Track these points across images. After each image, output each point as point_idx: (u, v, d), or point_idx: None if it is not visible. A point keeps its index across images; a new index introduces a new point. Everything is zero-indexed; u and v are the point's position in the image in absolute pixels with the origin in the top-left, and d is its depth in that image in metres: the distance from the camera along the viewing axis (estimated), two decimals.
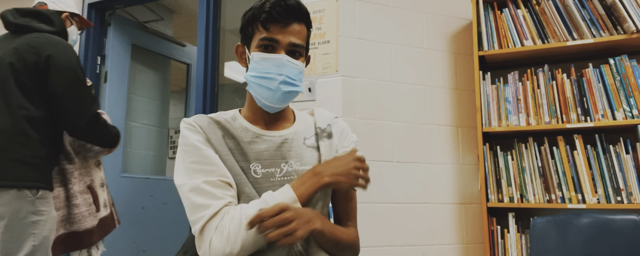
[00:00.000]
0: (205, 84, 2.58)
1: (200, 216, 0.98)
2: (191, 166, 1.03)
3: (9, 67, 1.69)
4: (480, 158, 2.20)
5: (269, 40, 1.07)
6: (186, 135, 1.07)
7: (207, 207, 0.98)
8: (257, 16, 1.07)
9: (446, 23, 2.49)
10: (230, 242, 0.95)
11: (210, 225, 0.97)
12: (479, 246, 2.31)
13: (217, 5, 2.69)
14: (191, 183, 1.01)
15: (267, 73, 1.07)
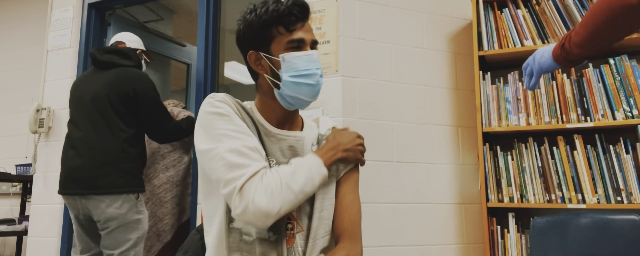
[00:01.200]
0: (205, 84, 2.57)
1: (239, 174, 0.99)
2: (226, 132, 1.05)
3: (106, 98, 2.19)
4: (480, 158, 2.20)
5: (298, 41, 1.11)
6: (218, 105, 1.09)
7: (247, 166, 1.00)
8: (275, 20, 1.10)
9: (446, 23, 2.49)
10: (273, 200, 0.97)
11: (251, 183, 0.98)
12: (479, 246, 2.31)
13: (217, 5, 2.69)
14: (228, 145, 1.02)
15: (306, 70, 1.11)
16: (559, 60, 1.03)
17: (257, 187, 0.98)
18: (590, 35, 0.94)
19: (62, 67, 2.91)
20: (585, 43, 0.95)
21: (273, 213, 0.97)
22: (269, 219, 0.98)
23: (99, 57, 2.29)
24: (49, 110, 2.83)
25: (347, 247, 1.09)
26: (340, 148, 1.13)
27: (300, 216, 1.10)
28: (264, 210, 0.97)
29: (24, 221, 3.27)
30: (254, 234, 1.06)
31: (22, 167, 3.45)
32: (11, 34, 3.91)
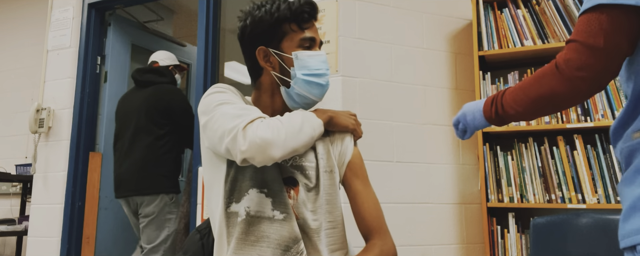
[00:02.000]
0: (205, 84, 2.57)
1: (242, 120, 1.01)
2: (224, 101, 1.08)
3: (145, 112, 2.60)
4: (480, 158, 2.20)
5: (310, 40, 1.15)
6: (219, 88, 1.13)
7: (248, 114, 1.03)
8: (288, 17, 1.12)
9: (446, 23, 2.49)
10: (277, 132, 1.00)
11: (253, 123, 1.01)
12: (479, 246, 2.31)
13: (217, 5, 2.69)
14: (227, 107, 1.06)
15: (317, 69, 1.14)
16: (492, 121, 1.03)
17: (259, 125, 1.00)
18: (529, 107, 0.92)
19: (62, 67, 2.91)
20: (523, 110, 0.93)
21: (278, 142, 0.99)
22: (275, 149, 0.98)
23: (139, 78, 2.75)
24: (49, 110, 2.83)
25: (379, 244, 1.12)
26: (327, 110, 1.16)
27: (297, 205, 1.08)
28: (269, 139, 0.98)
29: (24, 221, 3.27)
30: (244, 214, 1.05)
31: (22, 167, 3.45)
32: (11, 34, 3.91)
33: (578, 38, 0.82)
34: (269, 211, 1.04)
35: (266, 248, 1.02)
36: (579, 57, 0.81)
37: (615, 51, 0.81)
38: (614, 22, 0.79)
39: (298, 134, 1.02)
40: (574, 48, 0.83)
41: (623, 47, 0.81)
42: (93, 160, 2.86)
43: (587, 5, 0.82)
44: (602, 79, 0.83)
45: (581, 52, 0.81)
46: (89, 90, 2.89)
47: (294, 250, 1.03)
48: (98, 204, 2.86)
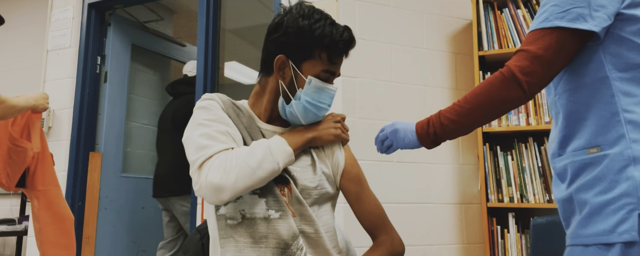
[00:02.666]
0: (205, 84, 2.57)
1: (201, 155, 1.02)
2: (204, 121, 1.09)
3: (176, 119, 2.86)
4: (480, 158, 2.20)
5: (331, 73, 1.14)
6: (205, 102, 1.14)
7: (210, 147, 1.03)
8: (323, 45, 1.10)
9: (446, 23, 2.49)
10: (227, 174, 0.99)
11: (209, 160, 1.01)
12: (479, 246, 2.30)
13: (217, 5, 2.69)
14: (200, 130, 1.06)
15: (321, 102, 1.13)
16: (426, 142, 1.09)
17: (213, 164, 1.00)
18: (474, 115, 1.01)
19: (62, 67, 2.91)
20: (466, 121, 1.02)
21: (227, 186, 0.98)
22: (224, 193, 0.99)
23: (171, 91, 3.06)
24: (49, 110, 2.83)
25: (388, 240, 1.15)
26: (309, 130, 1.14)
27: (292, 202, 1.09)
28: (216, 184, 0.98)
29: (24, 221, 3.27)
30: (239, 217, 1.06)
31: None
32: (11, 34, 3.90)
33: (530, 48, 0.94)
34: (263, 212, 1.05)
35: (265, 249, 1.02)
36: (529, 65, 0.93)
37: (556, 64, 0.94)
38: (561, 40, 0.93)
39: (253, 173, 1.00)
40: (525, 56, 0.94)
41: (562, 62, 0.95)
42: (93, 160, 2.86)
43: (544, 24, 0.94)
44: (541, 86, 0.96)
45: (531, 61, 0.93)
46: (89, 90, 2.89)
47: (294, 247, 1.03)
48: (98, 204, 2.86)
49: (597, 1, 0.92)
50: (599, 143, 0.93)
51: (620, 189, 0.89)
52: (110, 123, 2.99)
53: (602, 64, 0.94)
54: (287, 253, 1.02)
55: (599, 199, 0.91)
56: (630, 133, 0.90)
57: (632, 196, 0.87)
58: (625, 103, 0.92)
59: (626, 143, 0.90)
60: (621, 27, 0.93)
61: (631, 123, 0.90)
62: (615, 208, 0.88)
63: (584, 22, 0.91)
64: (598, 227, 0.90)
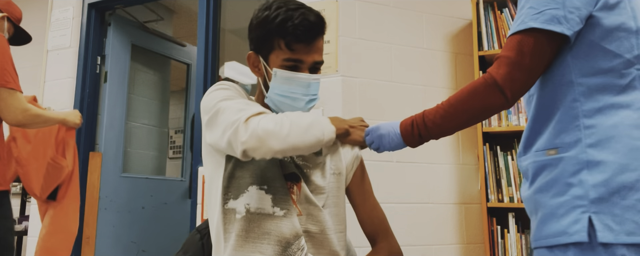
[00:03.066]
0: (205, 84, 2.57)
1: (243, 114, 1.00)
2: (230, 95, 1.07)
3: None
4: (480, 158, 2.20)
5: (294, 61, 1.08)
6: (221, 85, 1.12)
7: (251, 109, 1.01)
8: (278, 33, 1.06)
9: (446, 23, 2.49)
10: (278, 125, 0.97)
11: (256, 117, 0.99)
12: (479, 246, 2.30)
13: (217, 5, 2.69)
14: (235, 101, 1.05)
15: (292, 93, 1.09)
16: (412, 142, 1.12)
17: (263, 117, 0.99)
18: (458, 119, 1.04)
19: (62, 67, 2.91)
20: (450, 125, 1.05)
21: (280, 135, 0.96)
22: (275, 141, 0.96)
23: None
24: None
25: (386, 247, 1.15)
26: (346, 122, 1.13)
27: (300, 200, 1.09)
28: (270, 130, 0.96)
29: (24, 221, 3.27)
30: (244, 211, 1.04)
31: None
32: None
33: (510, 54, 0.95)
34: (269, 208, 1.04)
35: (267, 245, 1.02)
36: (509, 71, 0.95)
37: (536, 69, 0.95)
38: (539, 44, 0.93)
39: (304, 133, 0.99)
40: (505, 63, 0.95)
41: (542, 66, 0.96)
42: (93, 160, 2.85)
43: (520, 27, 0.95)
44: (523, 91, 0.97)
45: (511, 67, 0.94)
46: (89, 90, 2.89)
47: (294, 246, 1.02)
48: (98, 204, 2.86)
49: (572, 3, 0.92)
50: (557, 145, 0.96)
51: (573, 192, 0.92)
52: (110, 123, 2.99)
53: (568, 68, 0.96)
54: (288, 252, 1.02)
55: (554, 201, 0.94)
56: (586, 138, 0.92)
57: (584, 199, 0.90)
58: (586, 108, 0.93)
59: (581, 147, 0.92)
60: (590, 31, 0.94)
61: (588, 128, 0.92)
62: (567, 210, 0.92)
63: (558, 25, 0.92)
64: (553, 228, 0.93)
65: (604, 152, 0.90)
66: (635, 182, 0.88)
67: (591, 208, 0.89)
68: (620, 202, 0.88)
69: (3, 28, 1.90)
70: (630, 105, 0.92)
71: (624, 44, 0.93)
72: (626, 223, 0.87)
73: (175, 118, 5.49)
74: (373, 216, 1.17)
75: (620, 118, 0.91)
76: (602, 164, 0.90)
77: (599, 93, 0.93)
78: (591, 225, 0.88)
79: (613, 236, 0.87)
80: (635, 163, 0.89)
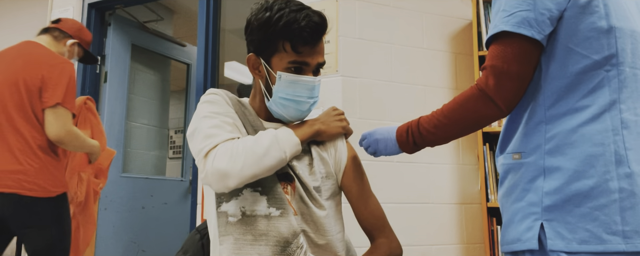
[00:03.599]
0: (205, 84, 2.58)
1: (208, 143, 1.02)
2: (210, 114, 1.08)
3: None
4: (480, 158, 2.20)
5: (300, 63, 1.07)
6: (210, 96, 1.12)
7: (217, 136, 1.02)
8: (283, 35, 1.04)
9: (446, 23, 2.49)
10: (233, 160, 0.98)
11: (216, 148, 1.01)
12: (479, 246, 2.31)
13: (217, 5, 2.69)
14: (208, 122, 1.05)
15: (297, 96, 1.09)
16: (407, 149, 1.11)
17: (218, 151, 1.00)
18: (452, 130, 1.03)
19: None
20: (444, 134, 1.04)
21: (233, 172, 0.98)
22: (230, 179, 0.99)
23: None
24: None
25: (386, 243, 1.13)
26: (316, 122, 1.13)
27: (295, 199, 1.08)
28: (222, 169, 0.98)
29: None
30: (239, 215, 1.05)
31: None
32: (11, 34, 3.90)
33: (495, 63, 0.93)
34: (264, 209, 1.04)
35: (265, 246, 1.02)
36: (497, 81, 0.93)
37: (524, 75, 0.93)
38: (521, 51, 0.91)
39: (260, 160, 0.99)
40: (492, 73, 0.93)
41: (530, 71, 0.93)
42: None
43: (493, 31, 0.93)
44: (515, 100, 0.95)
45: (498, 77, 0.93)
46: (89, 90, 2.89)
47: (294, 245, 1.02)
48: (98, 204, 2.85)
49: (544, 4, 0.90)
50: (521, 150, 0.95)
51: (528, 199, 0.91)
52: (110, 123, 2.99)
53: (537, 71, 0.94)
54: (287, 251, 1.02)
55: (513, 207, 0.95)
56: (546, 143, 0.91)
57: (537, 206, 0.90)
58: (550, 113, 0.92)
59: (540, 153, 0.91)
60: (558, 32, 0.92)
61: (549, 133, 0.91)
62: (523, 216, 0.91)
63: (529, 28, 0.90)
64: (511, 234, 0.93)
65: (561, 158, 0.89)
66: (591, 189, 0.86)
67: (544, 215, 0.88)
68: (574, 210, 0.86)
69: (74, 53, 2.12)
70: (592, 109, 0.89)
71: (593, 45, 0.90)
72: (579, 231, 0.85)
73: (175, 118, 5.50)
74: (369, 210, 1.15)
75: (580, 123, 0.89)
76: (558, 171, 0.89)
77: (564, 97, 0.91)
78: (543, 233, 0.87)
79: (564, 244, 0.85)
80: (591, 170, 0.87)
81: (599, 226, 0.85)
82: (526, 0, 0.91)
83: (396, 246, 1.15)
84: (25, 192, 1.77)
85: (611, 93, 0.89)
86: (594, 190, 0.86)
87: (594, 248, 0.84)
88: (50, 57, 1.90)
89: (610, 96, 0.89)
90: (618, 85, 0.90)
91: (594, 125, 0.88)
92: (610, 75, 0.90)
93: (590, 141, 0.88)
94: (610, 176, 0.86)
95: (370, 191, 1.19)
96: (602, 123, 0.88)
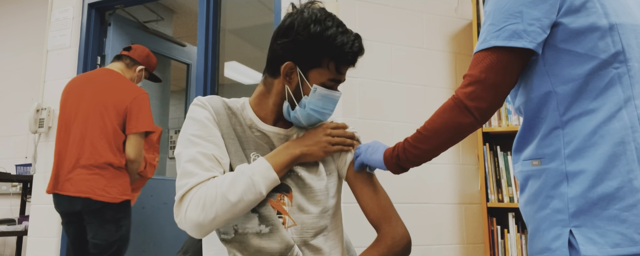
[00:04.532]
0: (205, 84, 2.58)
1: (184, 183, 1.01)
2: (192, 138, 1.06)
3: None
4: (480, 158, 2.20)
5: (337, 82, 1.12)
6: (195, 110, 1.10)
7: (194, 175, 1.01)
8: (332, 55, 1.07)
9: (446, 23, 2.49)
10: (205, 211, 0.98)
11: (189, 194, 1.00)
12: (479, 246, 2.31)
13: (217, 5, 2.69)
14: (188, 151, 1.04)
15: (325, 108, 1.12)
16: (391, 166, 1.11)
17: (192, 199, 0.99)
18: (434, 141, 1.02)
19: (62, 67, 2.91)
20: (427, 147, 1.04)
21: (205, 223, 0.98)
22: (203, 229, 0.99)
23: None
24: (49, 110, 2.83)
25: (390, 232, 1.13)
26: (298, 145, 1.10)
27: (292, 210, 1.08)
28: (195, 221, 0.98)
29: (24, 221, 3.27)
30: (232, 233, 1.06)
31: (22, 167, 3.45)
32: (11, 34, 3.91)
33: (473, 72, 0.94)
34: (256, 227, 1.05)
35: None
36: (473, 90, 0.94)
37: (502, 85, 0.94)
38: (502, 60, 0.92)
39: (233, 207, 0.98)
40: (469, 81, 0.94)
41: (508, 82, 0.94)
42: None
43: (482, 46, 0.94)
44: (492, 109, 0.96)
45: (475, 85, 0.93)
46: None
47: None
48: None
49: (531, 14, 0.90)
50: (540, 156, 0.94)
51: (553, 206, 0.90)
52: None
53: (545, 77, 0.94)
54: None
55: (538, 215, 0.93)
56: (565, 148, 0.90)
57: (564, 213, 0.88)
58: (566, 118, 0.91)
59: (561, 158, 0.90)
60: (559, 37, 0.91)
61: (567, 138, 0.90)
62: (549, 225, 0.90)
63: (519, 40, 0.90)
64: (539, 244, 0.92)
65: (582, 161, 0.87)
66: (616, 190, 0.84)
67: (572, 222, 0.87)
68: (602, 213, 0.84)
69: (142, 77, 2.52)
70: (607, 108, 0.88)
71: (598, 45, 0.89)
72: (610, 234, 0.83)
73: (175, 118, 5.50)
74: (373, 202, 1.15)
75: (598, 124, 0.87)
76: (580, 174, 0.87)
77: (577, 99, 0.90)
78: (574, 240, 0.85)
79: (597, 249, 0.83)
80: (614, 170, 0.85)
81: (629, 227, 0.83)
82: (513, 14, 0.91)
83: (401, 235, 1.14)
84: (95, 197, 2.15)
85: (624, 91, 0.88)
86: (620, 191, 0.84)
87: (627, 251, 0.82)
88: (132, 89, 2.33)
89: (623, 93, 0.88)
90: (629, 81, 0.89)
91: (612, 124, 0.87)
92: (620, 72, 0.89)
93: (611, 141, 0.86)
94: (634, 175, 0.85)
95: (374, 182, 1.18)
96: (620, 121, 0.87)
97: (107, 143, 2.18)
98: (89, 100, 2.24)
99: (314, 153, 1.12)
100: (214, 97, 1.15)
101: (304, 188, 1.10)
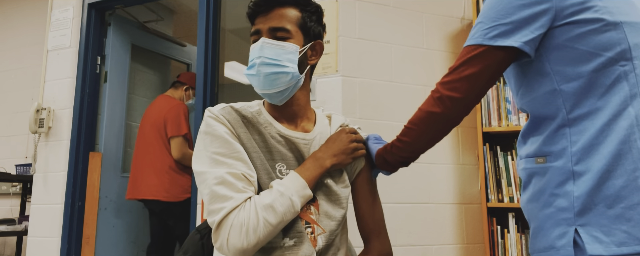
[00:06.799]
0: (205, 84, 2.57)
1: (219, 207, 0.97)
2: (216, 157, 1.02)
3: None
4: (480, 158, 2.19)
5: (256, 33, 1.10)
6: (212, 125, 1.06)
7: (228, 199, 0.98)
8: (249, 14, 1.12)
9: (446, 23, 2.49)
10: (248, 237, 0.96)
11: (228, 219, 0.96)
12: (479, 246, 2.30)
13: (217, 5, 2.69)
14: (215, 172, 1.00)
15: (250, 61, 1.09)
16: (379, 160, 1.13)
17: (233, 224, 0.96)
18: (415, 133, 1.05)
19: (62, 67, 2.91)
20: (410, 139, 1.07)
21: (249, 248, 0.97)
22: (247, 254, 0.98)
23: None
24: (49, 110, 2.83)
25: (377, 247, 1.14)
26: (326, 157, 1.09)
27: (320, 219, 1.08)
28: (238, 248, 0.96)
29: (24, 221, 3.27)
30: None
31: (22, 167, 3.45)
32: (11, 34, 3.91)
33: (455, 64, 0.97)
34: (279, 241, 1.03)
35: None
36: (450, 80, 0.96)
37: (481, 80, 0.95)
38: (486, 56, 0.95)
39: (275, 229, 0.98)
40: (450, 72, 0.97)
41: (486, 77, 0.96)
42: (93, 160, 2.86)
43: (468, 42, 0.98)
44: (465, 102, 0.97)
45: (453, 76, 0.96)
46: (89, 90, 2.89)
47: None
48: (98, 204, 2.86)
49: (522, 15, 0.91)
50: (546, 153, 0.94)
51: (558, 204, 0.89)
52: (110, 123, 2.99)
53: (550, 76, 0.94)
54: None
55: (542, 213, 0.93)
56: (572, 146, 0.90)
57: (569, 211, 0.87)
58: (572, 116, 0.91)
59: (568, 156, 0.90)
60: (563, 36, 0.91)
61: (574, 137, 0.90)
62: (554, 223, 0.89)
63: (505, 39, 0.92)
64: (542, 242, 0.92)
65: (589, 160, 0.87)
66: (621, 189, 0.84)
67: (577, 220, 0.86)
68: (607, 211, 0.84)
69: (190, 96, 3.10)
70: (614, 106, 0.88)
71: (603, 42, 0.89)
72: (615, 233, 0.83)
73: None
74: (369, 214, 1.16)
75: (605, 122, 0.87)
76: (587, 173, 0.87)
77: (583, 97, 0.90)
78: (579, 238, 0.85)
79: (603, 248, 0.83)
80: (620, 169, 0.85)
81: (634, 226, 0.83)
82: (501, 13, 0.93)
83: (387, 251, 1.16)
84: (162, 198, 2.72)
85: (631, 88, 0.88)
86: (624, 189, 0.84)
87: (633, 250, 0.82)
88: (170, 102, 2.92)
89: (630, 90, 0.88)
90: (636, 79, 0.89)
91: (618, 122, 0.87)
92: (627, 70, 0.89)
93: (616, 139, 0.86)
94: (639, 173, 0.85)
95: (374, 194, 1.20)
96: (626, 119, 0.87)
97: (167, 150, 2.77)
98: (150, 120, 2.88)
99: (343, 162, 1.12)
100: (226, 107, 1.11)
101: (330, 196, 1.10)
